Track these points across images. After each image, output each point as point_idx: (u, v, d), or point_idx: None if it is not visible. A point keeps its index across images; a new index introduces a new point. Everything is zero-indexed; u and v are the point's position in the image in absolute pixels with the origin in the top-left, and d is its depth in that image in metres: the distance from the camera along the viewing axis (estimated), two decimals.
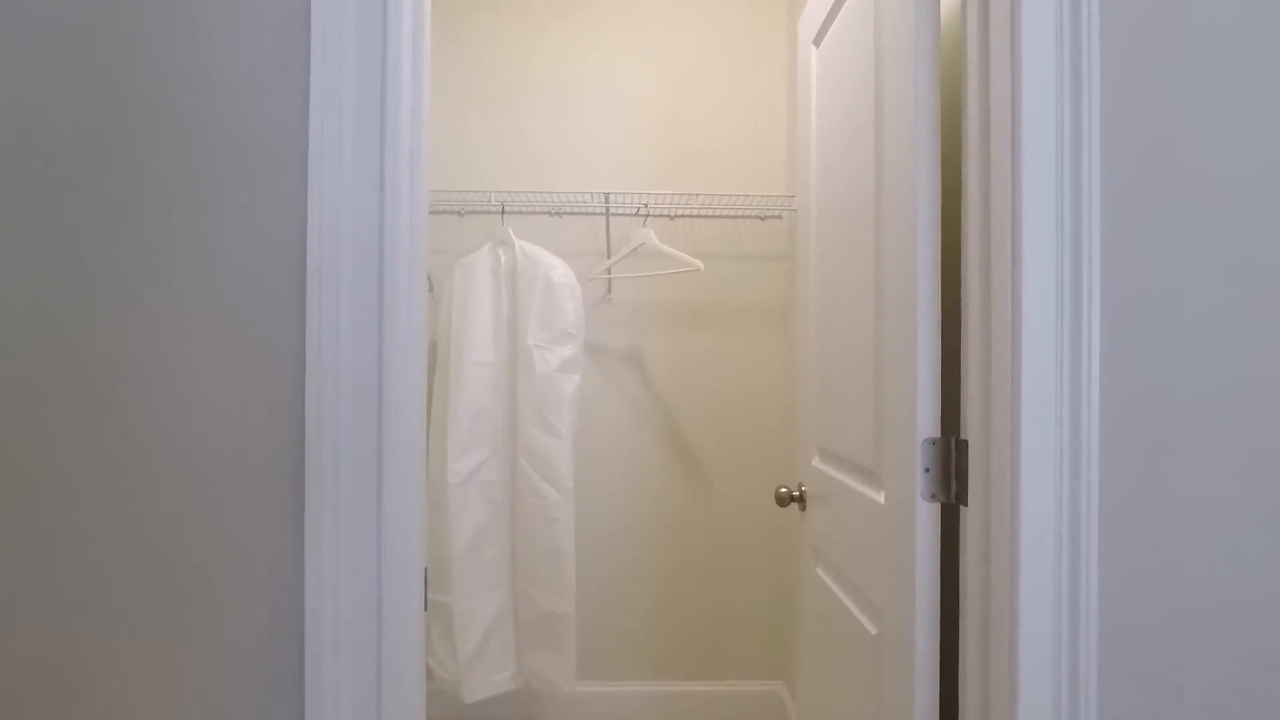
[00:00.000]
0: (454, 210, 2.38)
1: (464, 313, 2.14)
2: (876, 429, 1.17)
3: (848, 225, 1.33)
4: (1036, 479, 0.84)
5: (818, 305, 1.53)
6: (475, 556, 2.11)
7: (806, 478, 1.58)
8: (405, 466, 0.91)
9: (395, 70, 0.88)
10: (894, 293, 1.10)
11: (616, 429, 2.39)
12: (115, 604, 0.91)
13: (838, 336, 1.39)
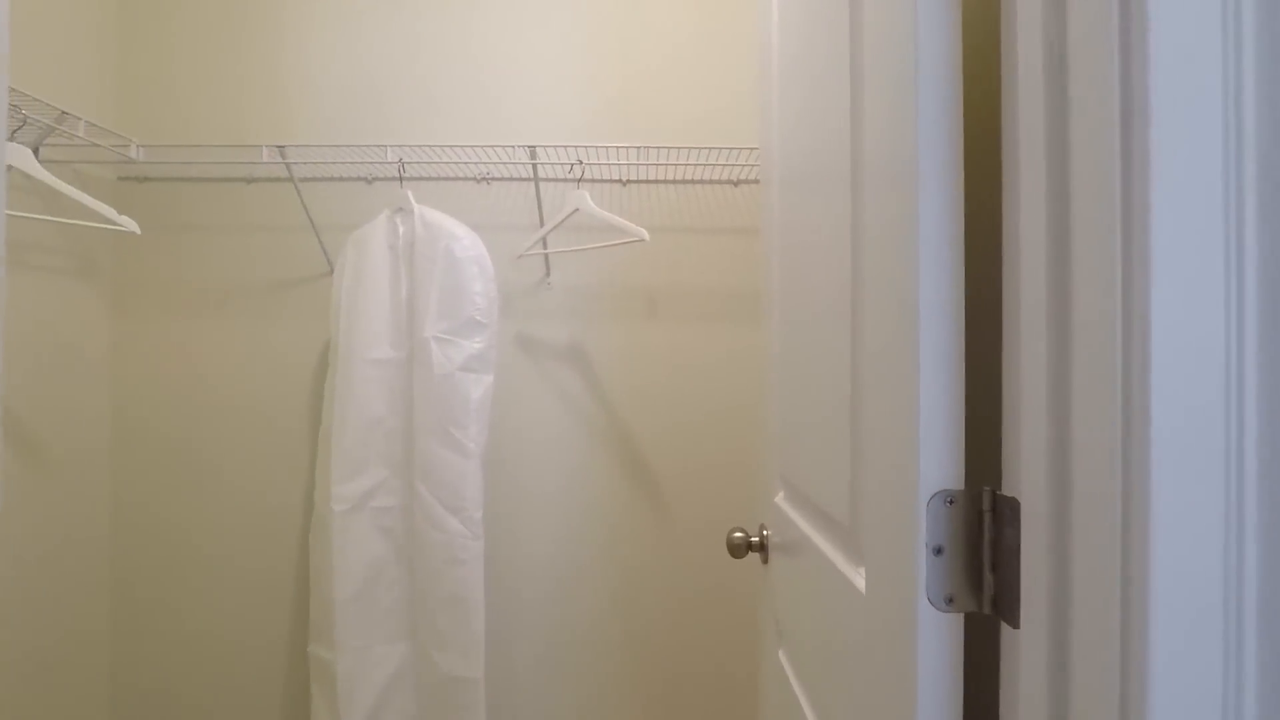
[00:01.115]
0: (360, 177, 1.95)
1: (355, 299, 1.71)
2: (852, 465, 0.72)
3: (814, 185, 0.89)
4: (1185, 577, 0.39)
5: (781, 291, 1.09)
6: (368, 602, 1.68)
7: (769, 517, 1.14)
8: None
9: None
10: (882, 268, 0.66)
11: (555, 442, 1.95)
12: None
13: (802, 331, 0.95)
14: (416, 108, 1.94)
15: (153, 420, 1.97)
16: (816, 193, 0.86)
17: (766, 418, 1.19)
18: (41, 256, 1.76)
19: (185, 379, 1.96)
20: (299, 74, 1.96)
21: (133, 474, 1.96)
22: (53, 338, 1.78)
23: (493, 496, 1.83)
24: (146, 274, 1.97)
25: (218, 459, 1.96)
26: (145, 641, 1.96)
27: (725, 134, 1.83)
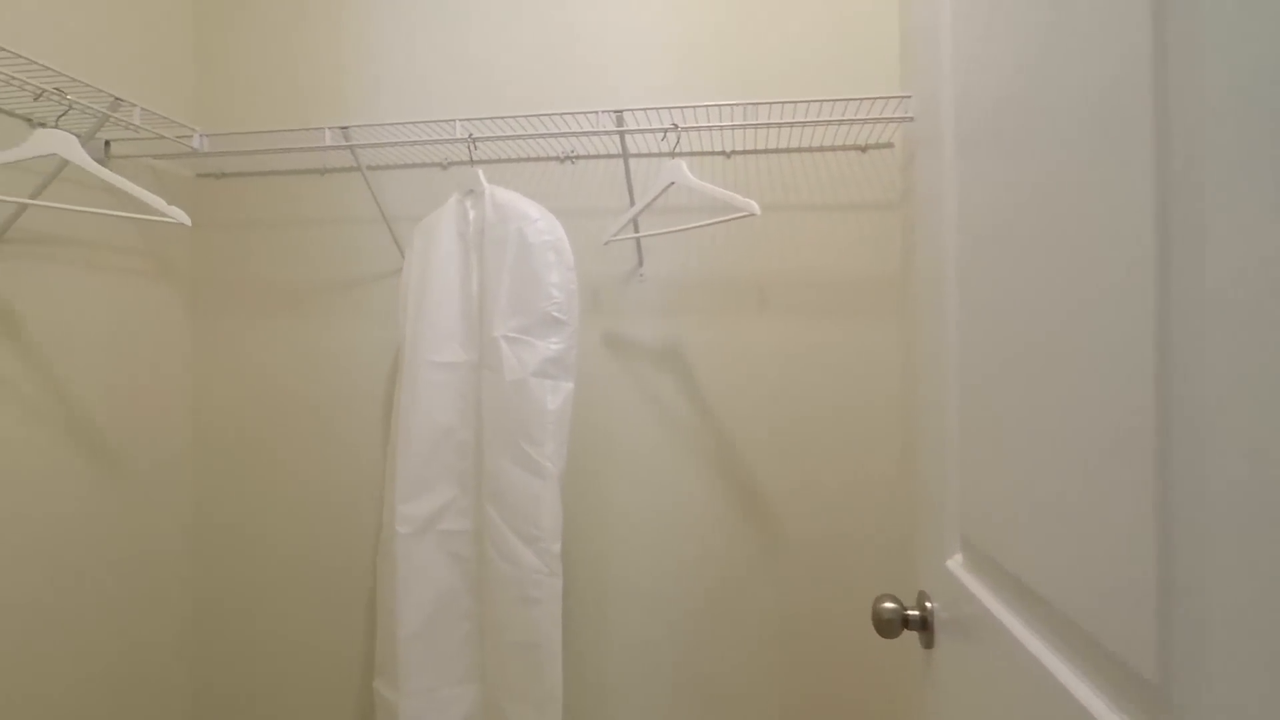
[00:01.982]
0: (435, 162, 1.76)
1: (422, 295, 1.51)
2: (1160, 585, 0.40)
3: (1063, 134, 0.56)
4: None
5: (966, 276, 0.77)
6: (434, 638, 1.47)
7: (937, 587, 0.82)
8: None
9: None
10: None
11: (648, 461, 1.68)
12: None
13: (1026, 332, 0.62)
14: (490, 83, 1.73)
15: (231, 423, 1.86)
16: (1067, 144, 0.54)
17: (931, 445, 0.86)
18: (119, 258, 1.68)
19: (262, 381, 1.85)
20: (365, 58, 1.80)
21: (212, 478, 1.87)
22: (132, 340, 1.70)
23: (574, 523, 1.58)
24: (223, 273, 1.87)
25: (294, 465, 1.83)
26: (225, 649, 1.86)
27: (851, 88, 1.50)
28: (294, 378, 1.83)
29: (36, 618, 1.48)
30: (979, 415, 0.71)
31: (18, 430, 1.45)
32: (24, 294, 1.46)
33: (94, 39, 1.59)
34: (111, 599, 1.64)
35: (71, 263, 1.56)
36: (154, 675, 1.76)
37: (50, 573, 1.51)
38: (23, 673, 1.45)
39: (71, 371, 1.56)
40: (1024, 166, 0.61)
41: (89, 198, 1.52)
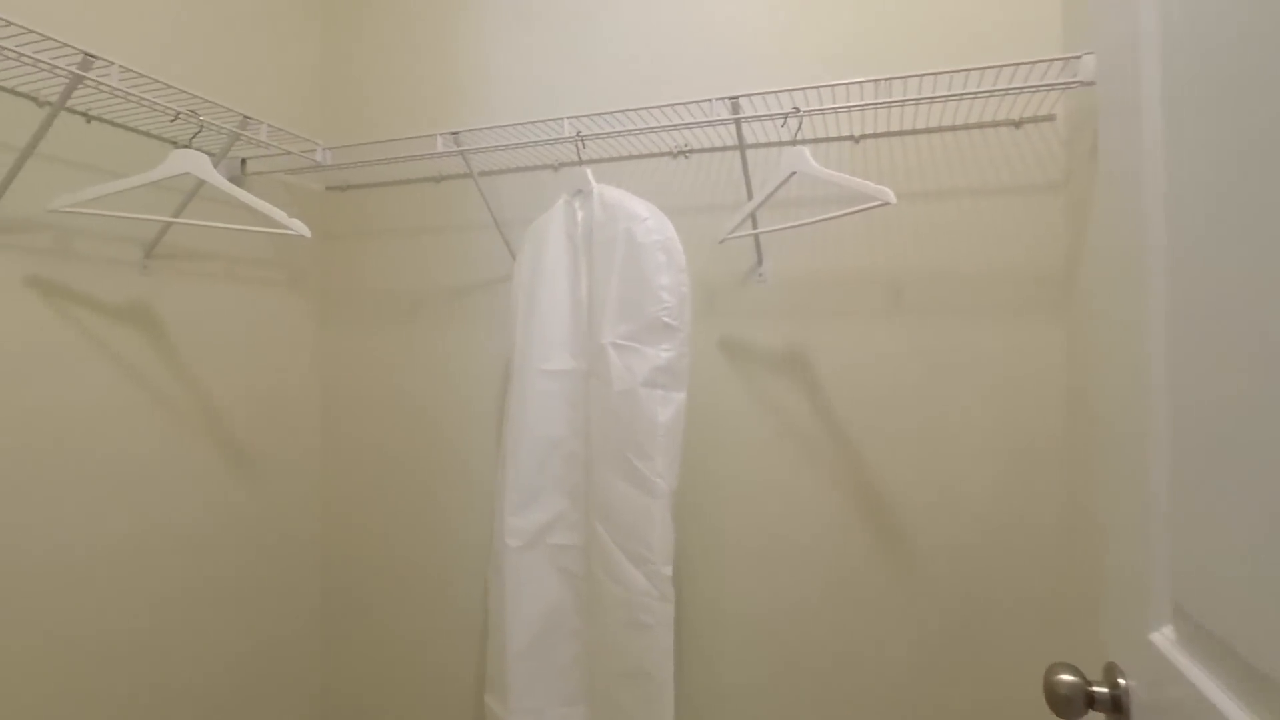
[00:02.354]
0: (546, 164, 1.72)
1: (531, 300, 1.47)
2: None
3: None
4: None
5: (1180, 268, 0.59)
6: (543, 656, 1.42)
7: (1135, 664, 0.65)
8: None
9: None
10: None
11: (768, 477, 1.55)
12: None
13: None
14: (606, 81, 1.66)
15: (356, 426, 1.92)
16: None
17: (1124, 481, 0.69)
18: (257, 270, 1.76)
19: (383, 386, 1.89)
20: (483, 58, 1.78)
21: (339, 479, 1.93)
22: (266, 347, 1.79)
23: (687, 543, 1.48)
24: (348, 281, 1.93)
25: (413, 469, 1.85)
26: (349, 645, 1.92)
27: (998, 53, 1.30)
28: (413, 383, 1.86)
29: (184, 606, 1.57)
30: (1206, 449, 0.54)
31: (166, 430, 1.54)
32: (171, 305, 1.55)
33: (227, 62, 1.67)
34: (249, 591, 1.73)
35: (212, 275, 1.65)
36: (285, 664, 1.84)
37: (197, 563, 1.60)
38: (170, 656, 1.53)
39: (213, 376, 1.64)
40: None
41: (225, 213, 1.59)
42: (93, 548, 1.40)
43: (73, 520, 1.36)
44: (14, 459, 1.28)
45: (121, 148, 1.44)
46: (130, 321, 1.48)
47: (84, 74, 1.15)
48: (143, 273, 1.50)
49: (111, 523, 1.43)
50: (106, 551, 1.42)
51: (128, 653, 1.46)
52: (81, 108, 1.36)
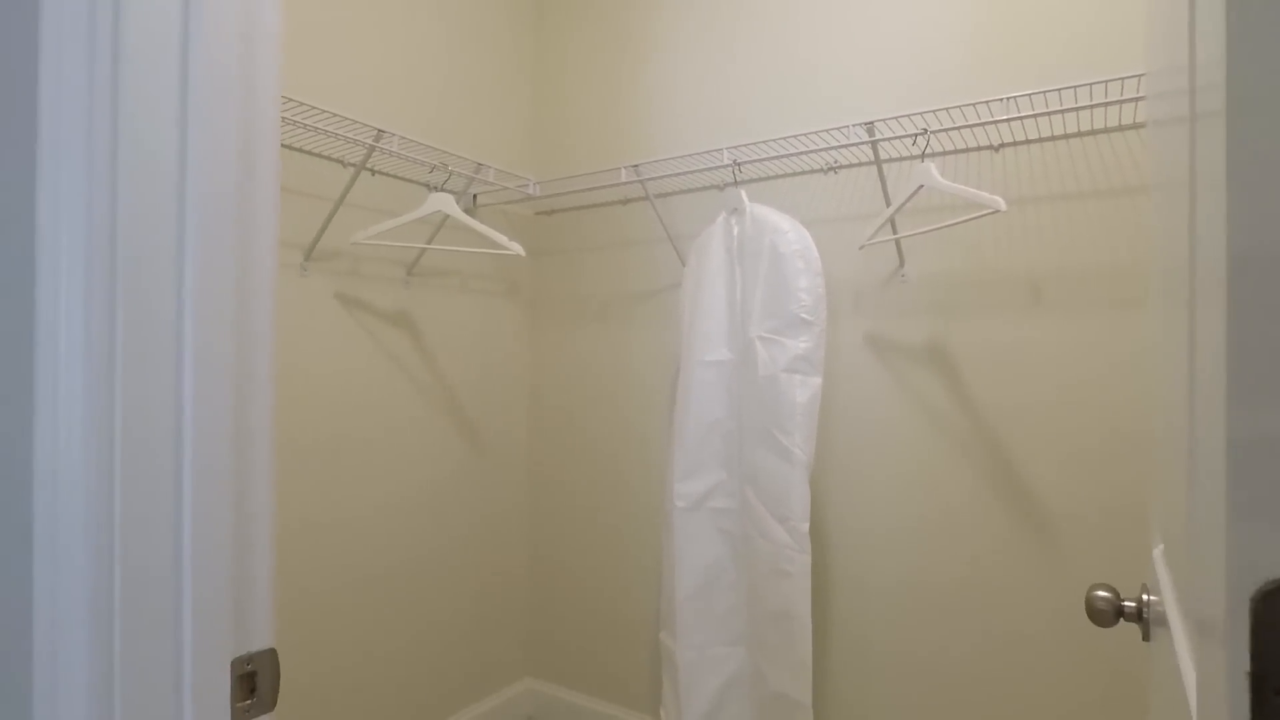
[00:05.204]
0: (712, 185, 2.00)
1: (695, 302, 1.76)
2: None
3: None
4: None
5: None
6: (706, 602, 1.70)
7: (1150, 578, 0.79)
8: None
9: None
10: None
11: (909, 456, 1.70)
12: None
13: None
14: (758, 106, 1.91)
15: (557, 411, 2.32)
16: None
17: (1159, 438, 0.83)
18: (482, 282, 2.22)
19: (578, 375, 2.27)
20: (656, 101, 2.10)
21: (544, 457, 2.35)
22: (489, 344, 2.24)
23: (834, 513, 1.69)
24: (553, 290, 2.34)
25: (603, 447, 2.21)
26: (551, 596, 2.32)
27: (1118, 61, 1.37)
28: (602, 373, 2.22)
29: (425, 558, 2.04)
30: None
31: (420, 410, 2.02)
32: (424, 312, 2.03)
33: (465, 123, 2.14)
34: (473, 545, 2.18)
35: (452, 288, 2.12)
36: (498, 612, 2.28)
37: (436, 521, 2.07)
38: (407, 606, 2.01)
39: (451, 366, 2.11)
40: None
41: (462, 239, 2.05)
42: (367, 505, 1.88)
43: (354, 483, 1.86)
44: (325, 430, 1.79)
45: (394, 193, 1.93)
46: (397, 324, 1.97)
47: (376, 144, 1.62)
48: (405, 287, 1.99)
49: (381, 486, 1.91)
50: (374, 509, 1.90)
51: (395, 593, 1.95)
52: (369, 165, 1.87)
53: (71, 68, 0.52)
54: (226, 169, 0.57)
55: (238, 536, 0.58)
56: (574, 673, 2.28)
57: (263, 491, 0.61)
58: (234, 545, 0.58)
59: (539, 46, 2.36)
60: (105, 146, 0.51)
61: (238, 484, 0.58)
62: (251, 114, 0.60)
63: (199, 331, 0.55)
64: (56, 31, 0.53)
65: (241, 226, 0.58)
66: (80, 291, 0.52)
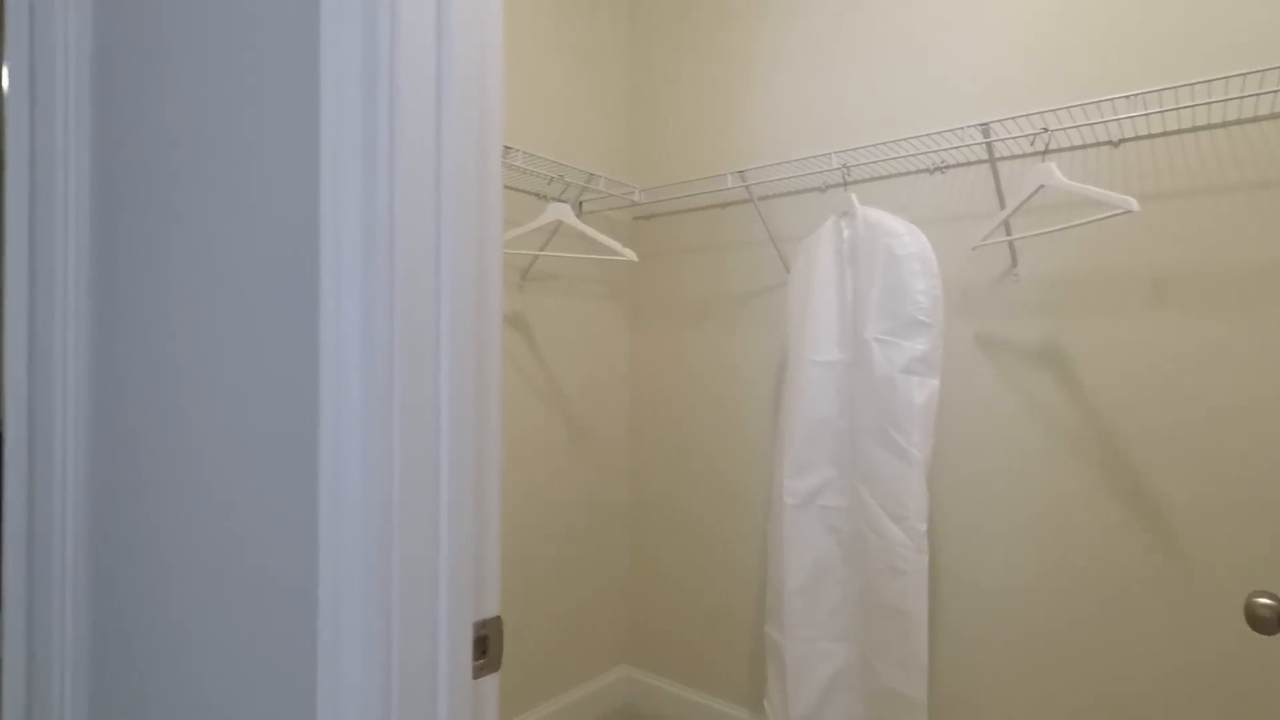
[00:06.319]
0: (814, 188, 2.04)
1: (804, 304, 1.80)
2: None
3: None
4: None
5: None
6: (813, 596, 1.74)
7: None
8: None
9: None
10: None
11: (1021, 459, 1.70)
12: None
13: None
14: (864, 108, 1.93)
15: (657, 409, 2.40)
16: None
17: None
18: (587, 286, 2.32)
19: (678, 377, 2.35)
20: (759, 106, 2.15)
21: (644, 453, 2.43)
22: (593, 344, 2.34)
23: (945, 511, 1.70)
24: (652, 293, 2.42)
25: (703, 445, 2.28)
26: (652, 589, 2.40)
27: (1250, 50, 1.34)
28: (702, 372, 2.29)
29: (527, 549, 2.15)
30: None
31: (533, 407, 2.13)
32: (536, 314, 2.14)
33: (575, 136, 2.24)
34: (574, 538, 2.28)
35: (560, 291, 2.22)
36: (599, 602, 2.37)
37: (540, 513, 2.17)
38: (510, 594, 2.12)
39: (559, 366, 2.22)
40: None
41: (570, 245, 2.15)
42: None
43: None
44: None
45: (511, 204, 2.05)
46: (513, 326, 2.08)
47: (504, 160, 1.72)
48: (520, 291, 2.10)
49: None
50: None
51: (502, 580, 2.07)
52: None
53: (350, 73, 0.62)
54: (470, 180, 0.66)
55: (477, 516, 0.67)
56: (671, 662, 2.35)
57: (494, 479, 0.70)
58: (475, 523, 0.67)
59: (635, 59, 2.44)
60: (385, 170, 0.61)
61: (478, 472, 0.67)
62: (485, 135, 0.69)
63: (453, 337, 0.64)
64: (337, 27, 0.63)
65: (480, 238, 0.67)
66: (359, 301, 0.61)
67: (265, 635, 0.71)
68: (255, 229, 0.73)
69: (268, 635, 0.71)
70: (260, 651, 0.72)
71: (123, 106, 0.93)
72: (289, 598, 0.68)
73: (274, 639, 0.70)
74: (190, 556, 0.81)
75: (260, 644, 0.72)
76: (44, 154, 1.01)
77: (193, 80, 0.81)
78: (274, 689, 0.70)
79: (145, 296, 0.88)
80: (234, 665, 0.75)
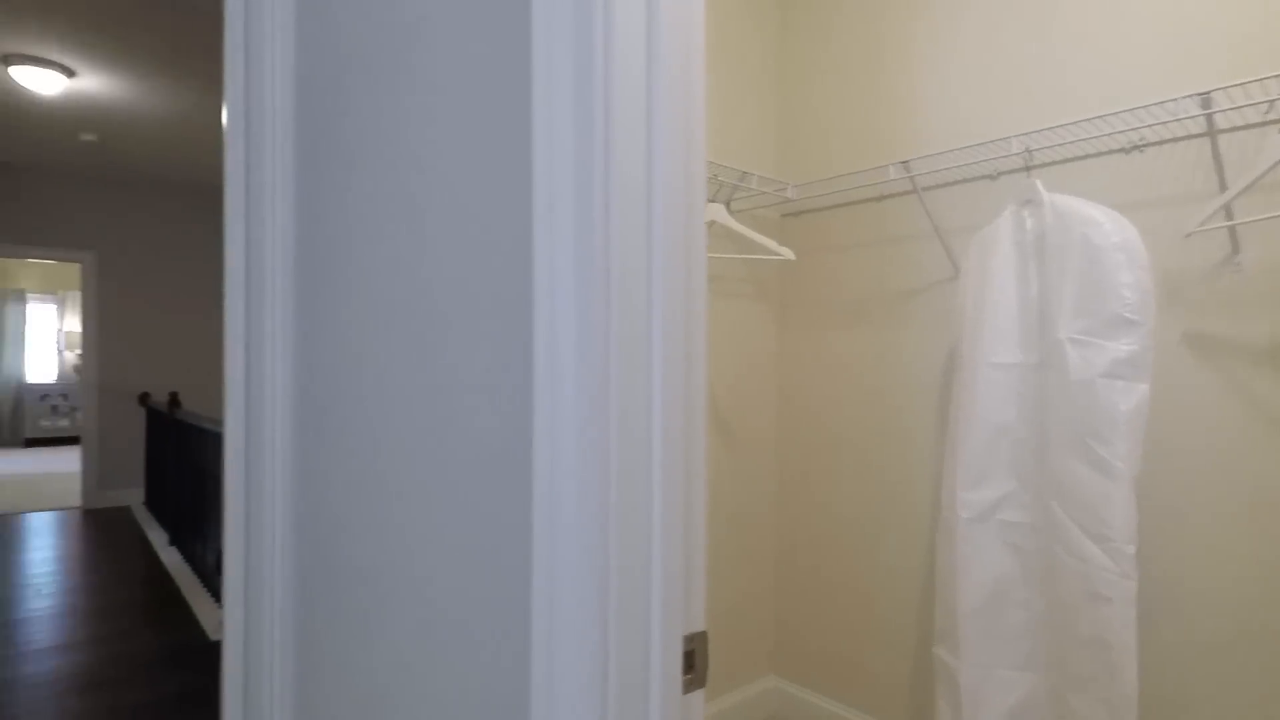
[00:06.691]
0: (984, 175, 1.89)
1: (979, 301, 1.67)
2: None
3: None
4: None
5: None
6: (992, 619, 1.61)
7: None
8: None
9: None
10: None
11: (1243, 473, 1.49)
12: None
13: None
14: (1047, 86, 1.76)
15: (806, 412, 2.32)
16: None
17: None
18: (734, 285, 2.28)
19: (829, 378, 2.25)
20: (922, 92, 2.02)
21: (793, 456, 2.36)
22: (740, 344, 2.30)
23: (1150, 529, 1.52)
24: (801, 292, 2.34)
25: (858, 449, 2.18)
26: (799, 595, 2.32)
27: None
28: (856, 375, 2.18)
29: None
30: None
31: None
32: None
33: (729, 135, 2.20)
34: (721, 542, 2.24)
35: (712, 293, 2.20)
36: (745, 609, 2.32)
37: None
38: None
39: (710, 367, 2.19)
40: None
41: (718, 245, 2.12)
42: None
43: None
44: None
45: None
46: None
47: None
48: None
49: None
50: None
51: None
52: None
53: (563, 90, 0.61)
54: (679, 195, 0.64)
55: (686, 525, 0.65)
56: (821, 675, 2.26)
57: (700, 487, 0.67)
58: (684, 533, 0.65)
59: (783, 53, 2.37)
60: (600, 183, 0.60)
61: (686, 481, 0.65)
62: (691, 151, 0.66)
63: (664, 344, 0.62)
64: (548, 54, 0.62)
65: (688, 250, 0.65)
66: (574, 308, 0.61)
67: (472, 652, 0.73)
68: (459, 229, 0.75)
69: (475, 652, 0.73)
70: (468, 663, 0.74)
71: (319, 136, 1.00)
72: (498, 610, 0.69)
73: (483, 650, 0.72)
74: (391, 560, 0.85)
75: (468, 660, 0.74)
76: (255, 179, 1.10)
77: (393, 105, 0.85)
78: (485, 697, 0.72)
79: (340, 308, 0.93)
80: (440, 672, 0.77)
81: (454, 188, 0.76)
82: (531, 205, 0.64)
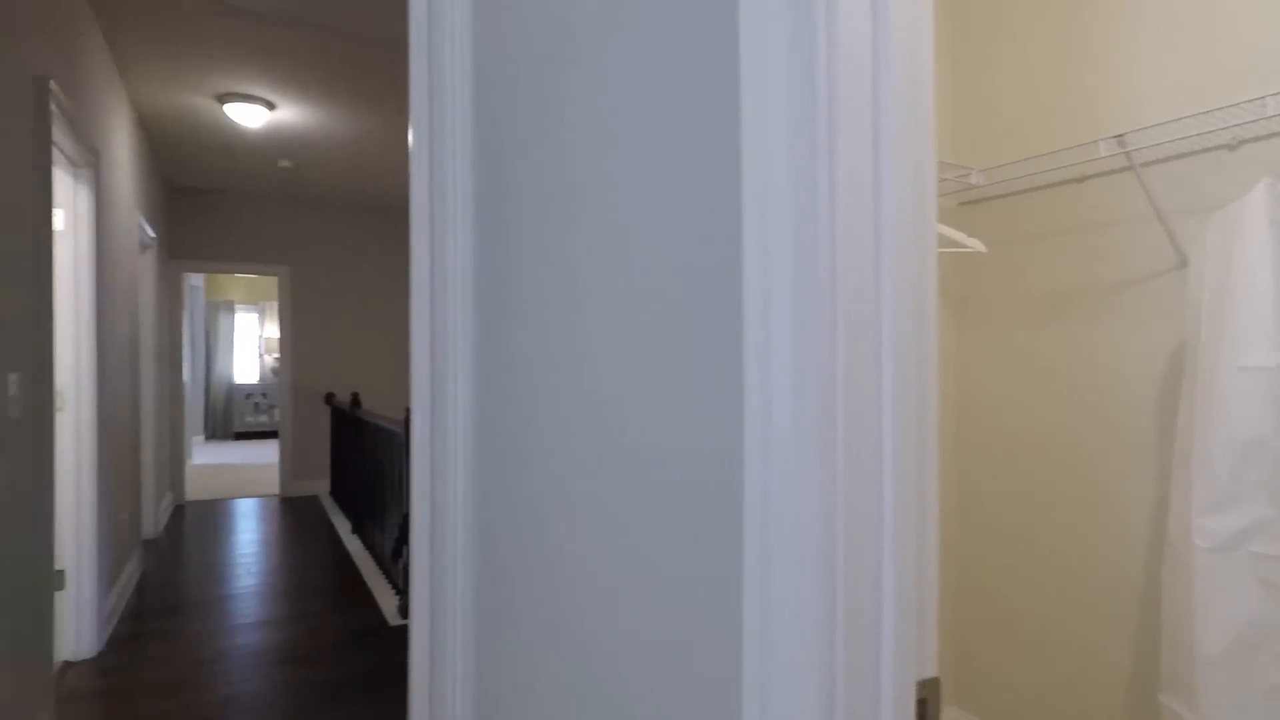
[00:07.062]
0: (1221, 145, 1.62)
1: (1222, 293, 1.42)
2: None
3: None
4: None
5: None
6: (1242, 669, 1.35)
7: None
8: None
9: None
10: None
11: None
12: None
13: None
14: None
15: (988, 419, 2.10)
16: None
17: None
18: None
19: (1016, 381, 2.03)
20: (1134, 55, 1.76)
21: (972, 466, 2.15)
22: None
23: None
24: (980, 285, 2.13)
25: (1053, 461, 1.94)
26: (981, 621, 2.11)
27: None
28: (1050, 378, 1.94)
29: None
30: None
31: None
32: None
33: None
34: None
35: None
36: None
37: None
38: None
39: None
40: None
41: None
42: None
43: None
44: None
45: None
46: None
47: None
48: None
49: None
50: None
51: None
52: None
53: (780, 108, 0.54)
54: (908, 206, 0.56)
55: (919, 558, 0.56)
56: (1006, 710, 2.03)
57: (933, 517, 0.58)
58: (917, 562, 0.56)
59: (957, 34, 2.17)
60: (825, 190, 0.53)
61: (919, 508, 0.56)
62: (921, 159, 0.58)
63: (895, 361, 0.54)
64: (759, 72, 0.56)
65: (917, 255, 0.57)
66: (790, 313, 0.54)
67: (676, 661, 0.68)
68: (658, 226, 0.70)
69: (683, 660, 0.67)
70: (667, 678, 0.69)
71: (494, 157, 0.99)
72: (698, 647, 0.64)
73: (694, 658, 0.66)
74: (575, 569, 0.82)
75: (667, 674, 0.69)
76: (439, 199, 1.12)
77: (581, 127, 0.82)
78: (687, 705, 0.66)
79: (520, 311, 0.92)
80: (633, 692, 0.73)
81: (652, 217, 0.72)
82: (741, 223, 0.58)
